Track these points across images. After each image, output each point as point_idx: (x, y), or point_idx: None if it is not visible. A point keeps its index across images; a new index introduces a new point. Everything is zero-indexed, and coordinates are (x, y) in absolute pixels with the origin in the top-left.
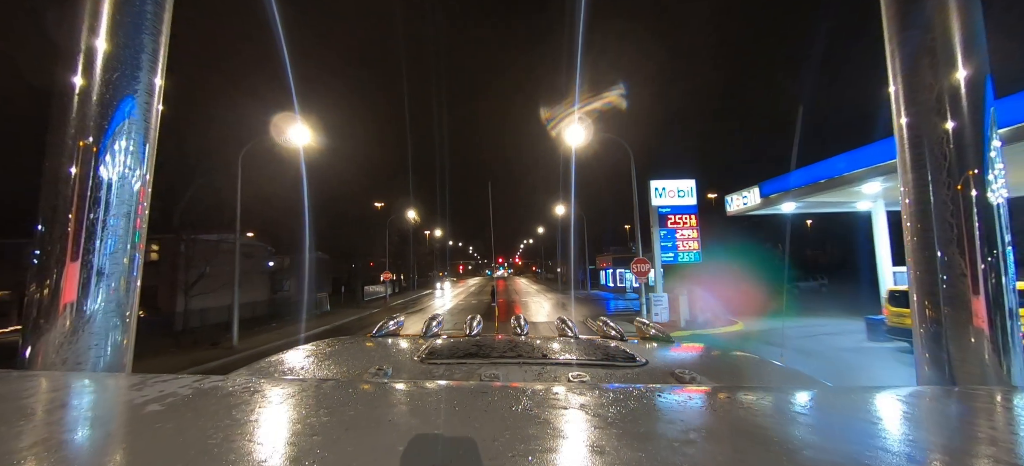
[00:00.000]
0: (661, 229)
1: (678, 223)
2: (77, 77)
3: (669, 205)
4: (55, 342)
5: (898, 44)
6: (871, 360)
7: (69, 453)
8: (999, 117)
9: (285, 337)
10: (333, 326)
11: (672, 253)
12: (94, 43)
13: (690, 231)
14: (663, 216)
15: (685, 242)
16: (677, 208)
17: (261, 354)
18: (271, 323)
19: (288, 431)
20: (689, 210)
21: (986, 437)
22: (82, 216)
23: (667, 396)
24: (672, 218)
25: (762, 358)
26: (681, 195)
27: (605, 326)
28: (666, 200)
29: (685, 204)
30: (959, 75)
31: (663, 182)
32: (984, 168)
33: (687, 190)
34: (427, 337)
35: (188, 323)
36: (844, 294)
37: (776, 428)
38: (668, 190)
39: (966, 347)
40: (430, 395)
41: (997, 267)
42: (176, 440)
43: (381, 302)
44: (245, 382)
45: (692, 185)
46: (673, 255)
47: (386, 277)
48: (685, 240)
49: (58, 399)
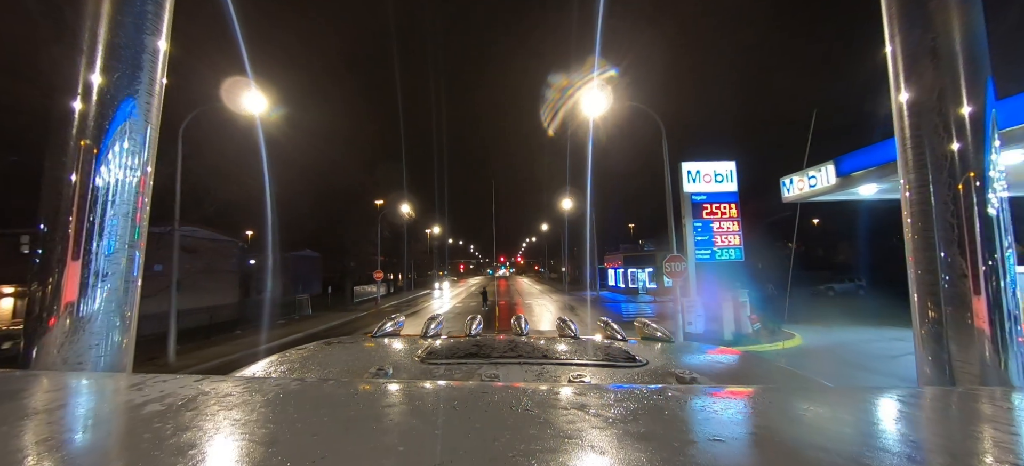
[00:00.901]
0: (695, 221)
1: (715, 213)
2: (78, 78)
3: (704, 191)
4: (56, 342)
5: (899, 44)
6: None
7: (70, 453)
8: (1000, 118)
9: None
10: (306, 334)
11: (708, 249)
12: (95, 44)
13: (730, 223)
14: (697, 205)
15: (724, 236)
16: (714, 195)
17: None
18: (234, 331)
19: (288, 431)
20: (728, 198)
21: (986, 437)
22: (83, 216)
23: (667, 396)
24: (708, 207)
25: (761, 358)
26: (719, 179)
27: (606, 326)
28: (701, 186)
29: (724, 190)
30: (960, 76)
31: (697, 164)
32: (985, 169)
33: (726, 174)
34: (427, 337)
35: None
36: (885, 296)
37: (776, 428)
38: (703, 174)
39: (967, 347)
40: (430, 395)
41: (998, 268)
42: (176, 440)
43: (371, 304)
44: (245, 382)
45: (731, 168)
46: (709, 252)
47: (378, 277)
48: (724, 234)
49: (59, 399)
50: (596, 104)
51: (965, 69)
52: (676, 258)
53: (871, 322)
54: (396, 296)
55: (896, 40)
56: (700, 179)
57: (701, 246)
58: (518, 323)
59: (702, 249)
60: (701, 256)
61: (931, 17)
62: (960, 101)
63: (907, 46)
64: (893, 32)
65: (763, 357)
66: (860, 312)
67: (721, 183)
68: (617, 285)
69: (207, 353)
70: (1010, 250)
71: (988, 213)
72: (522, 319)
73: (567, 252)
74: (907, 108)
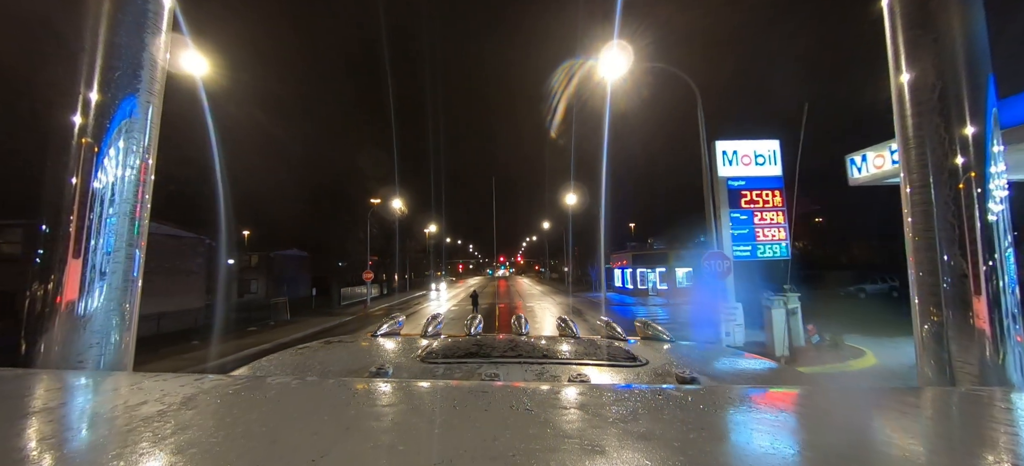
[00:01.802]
0: (732, 211)
1: (756, 202)
2: (78, 77)
3: (742, 175)
4: (56, 340)
5: (900, 44)
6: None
7: (70, 452)
8: (1001, 118)
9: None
10: (276, 344)
11: (748, 245)
12: (95, 43)
13: (774, 213)
14: (734, 192)
15: (767, 229)
16: (755, 180)
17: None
18: (190, 341)
19: (288, 430)
20: (772, 183)
21: (987, 437)
22: (83, 215)
23: (667, 396)
24: (747, 195)
25: (760, 357)
26: (761, 161)
27: (607, 326)
28: (738, 169)
29: (766, 174)
30: (961, 75)
31: (734, 143)
32: (986, 169)
33: (768, 154)
34: (427, 337)
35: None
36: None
37: (777, 427)
38: (741, 155)
39: (967, 347)
40: (430, 395)
41: (998, 268)
42: (177, 439)
43: (360, 307)
44: (245, 382)
45: (775, 148)
46: (750, 248)
47: (367, 277)
48: (767, 226)
49: (59, 397)
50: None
51: (966, 69)
52: (718, 255)
53: None
54: (388, 298)
55: (896, 40)
56: (737, 161)
57: (740, 241)
58: (518, 323)
59: (741, 244)
60: (740, 253)
61: (932, 16)
62: (961, 101)
63: (908, 46)
64: (894, 32)
65: (761, 357)
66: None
67: (763, 166)
68: (624, 286)
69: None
70: (1010, 250)
71: (988, 213)
72: (522, 319)
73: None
74: (908, 108)
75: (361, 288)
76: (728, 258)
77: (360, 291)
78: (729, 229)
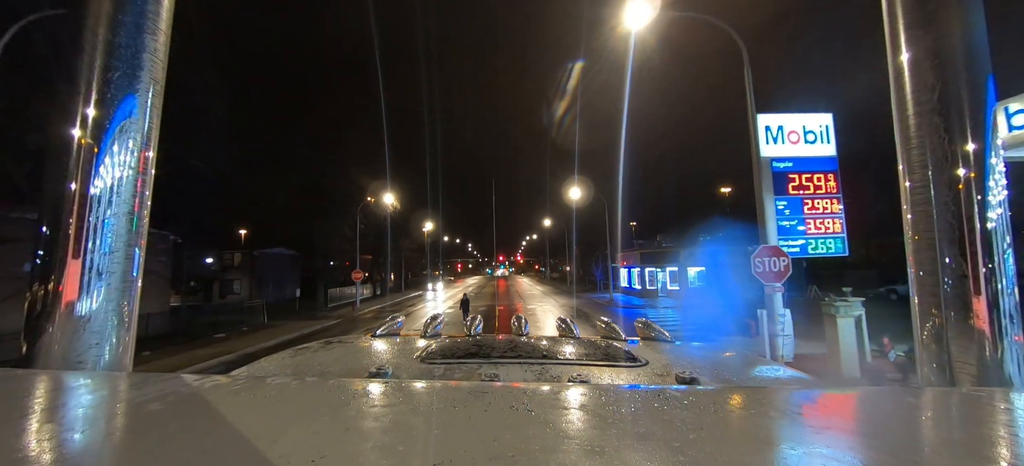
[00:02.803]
0: (778, 198)
1: (807, 187)
2: (78, 77)
3: (789, 156)
4: (56, 340)
5: (900, 44)
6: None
7: (70, 452)
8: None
9: None
10: (240, 354)
11: (798, 239)
12: (95, 43)
13: (827, 200)
14: (780, 175)
15: (820, 220)
16: (804, 162)
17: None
18: (141, 352)
19: (288, 430)
20: (825, 165)
21: (986, 437)
22: (83, 215)
23: (667, 396)
24: (796, 179)
25: (760, 357)
26: (811, 139)
27: (606, 326)
28: (785, 148)
29: (817, 154)
30: (961, 76)
31: (779, 117)
32: (986, 170)
33: (820, 131)
34: (427, 337)
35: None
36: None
37: (776, 428)
38: (788, 130)
39: (967, 348)
40: (430, 395)
41: (998, 269)
42: (177, 439)
43: (348, 309)
44: (246, 382)
45: (827, 123)
46: (801, 243)
47: (357, 277)
48: (819, 216)
49: (59, 398)
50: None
51: (965, 69)
52: (774, 249)
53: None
54: (380, 299)
55: (896, 40)
56: (783, 138)
57: (787, 234)
58: (518, 323)
59: (789, 238)
60: (789, 249)
61: (932, 17)
62: (961, 101)
63: (908, 46)
64: (894, 32)
65: (761, 357)
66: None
67: (813, 144)
68: (631, 286)
69: None
70: (1009, 250)
71: (988, 214)
72: (522, 319)
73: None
74: (907, 108)
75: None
76: (786, 255)
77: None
78: (774, 220)
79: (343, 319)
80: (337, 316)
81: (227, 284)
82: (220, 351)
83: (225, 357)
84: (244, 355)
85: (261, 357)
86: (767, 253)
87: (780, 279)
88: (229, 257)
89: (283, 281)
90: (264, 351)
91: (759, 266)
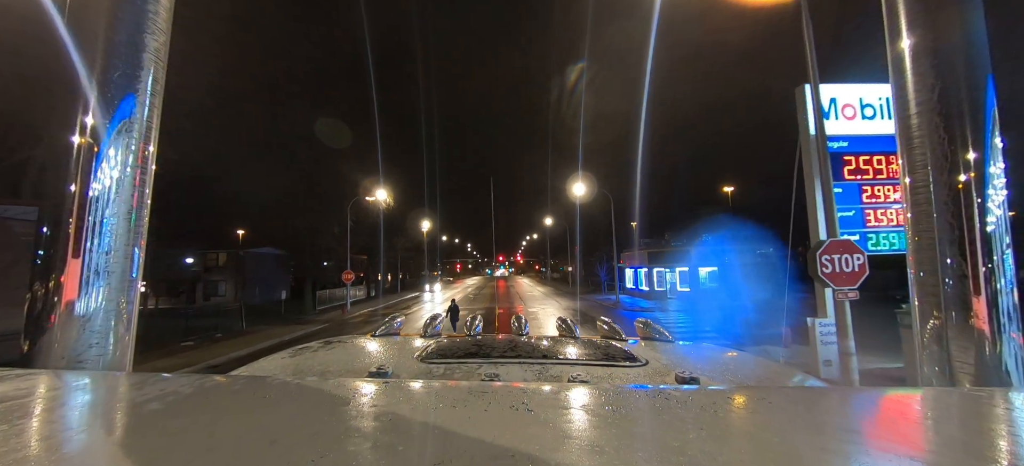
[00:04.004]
0: (835, 184)
1: (866, 171)
2: (78, 77)
3: (845, 134)
4: (56, 340)
5: (900, 44)
6: None
7: (70, 451)
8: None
9: None
10: (203, 367)
11: (855, 231)
12: (95, 42)
13: (891, 187)
14: (834, 156)
15: (882, 210)
16: (862, 141)
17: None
18: None
19: (288, 430)
20: (885, 146)
21: (987, 437)
22: (83, 215)
23: (667, 396)
24: (853, 161)
25: (761, 357)
26: (869, 114)
27: (606, 326)
28: (841, 125)
29: (877, 133)
30: (960, 75)
31: (832, 88)
32: (986, 169)
33: (879, 105)
34: (427, 337)
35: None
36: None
37: (777, 428)
38: (841, 104)
39: (967, 348)
40: (430, 395)
41: (998, 268)
42: (177, 439)
43: (337, 313)
44: (246, 382)
45: (888, 95)
46: (860, 234)
47: (347, 278)
48: (882, 206)
49: (59, 397)
50: None
51: (965, 68)
52: (844, 243)
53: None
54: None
55: (896, 40)
56: (837, 113)
57: (844, 225)
58: (518, 323)
59: (844, 231)
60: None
61: (931, 16)
62: (960, 101)
63: (908, 45)
64: (893, 31)
65: (761, 357)
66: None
67: (871, 120)
68: (638, 287)
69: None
70: (1008, 250)
71: (988, 214)
72: (522, 319)
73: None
74: (908, 107)
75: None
76: (861, 251)
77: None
78: (829, 209)
79: (331, 323)
80: (324, 320)
81: (211, 286)
82: (179, 363)
83: (183, 371)
84: (206, 368)
85: (229, 368)
86: (836, 249)
87: (855, 282)
88: (213, 257)
89: (272, 282)
90: (230, 363)
91: (826, 266)
